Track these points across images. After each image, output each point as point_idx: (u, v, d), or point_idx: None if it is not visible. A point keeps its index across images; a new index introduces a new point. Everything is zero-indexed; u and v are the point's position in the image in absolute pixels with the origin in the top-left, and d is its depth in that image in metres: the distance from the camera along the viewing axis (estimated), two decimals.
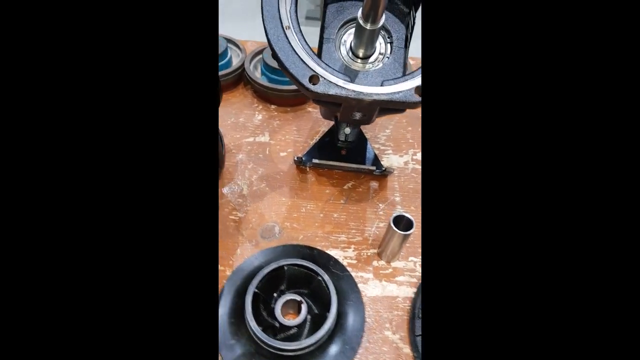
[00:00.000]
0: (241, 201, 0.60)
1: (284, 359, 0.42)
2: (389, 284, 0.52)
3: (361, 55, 0.50)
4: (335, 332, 0.44)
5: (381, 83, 0.45)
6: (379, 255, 0.55)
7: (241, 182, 0.63)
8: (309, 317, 0.46)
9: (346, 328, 0.45)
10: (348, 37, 0.51)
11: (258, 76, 0.75)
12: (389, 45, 0.51)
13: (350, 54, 0.50)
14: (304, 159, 0.63)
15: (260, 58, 0.78)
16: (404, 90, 0.43)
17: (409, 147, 0.70)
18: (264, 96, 0.75)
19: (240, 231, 0.57)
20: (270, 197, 0.61)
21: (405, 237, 0.49)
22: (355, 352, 0.44)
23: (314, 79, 0.43)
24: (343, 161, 0.62)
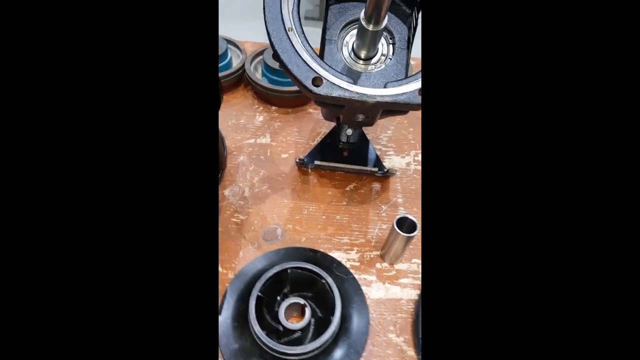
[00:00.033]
0: (243, 203, 0.60)
1: None
2: (392, 286, 0.52)
3: (363, 57, 0.49)
4: (339, 336, 0.44)
5: (384, 85, 0.44)
6: (382, 257, 0.54)
7: (243, 184, 0.63)
8: (312, 321, 0.45)
9: (351, 331, 0.45)
10: (350, 38, 0.50)
11: (259, 77, 0.75)
12: (391, 47, 0.51)
13: (353, 55, 0.50)
14: (305, 160, 0.62)
15: (261, 59, 0.78)
16: (407, 92, 0.43)
17: (411, 148, 0.70)
18: (265, 97, 0.75)
19: (243, 234, 0.56)
20: (272, 199, 0.61)
21: (408, 239, 0.49)
22: (360, 356, 0.44)
23: (317, 80, 0.42)
24: (345, 162, 0.62)
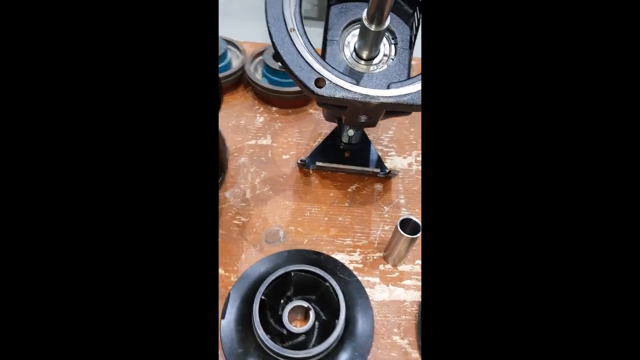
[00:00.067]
0: (244, 205, 0.59)
1: None
2: (396, 288, 0.51)
3: (365, 57, 0.49)
4: (344, 339, 0.44)
5: (387, 85, 0.44)
6: (385, 258, 0.54)
7: (244, 185, 0.62)
8: (316, 324, 0.45)
9: (355, 334, 0.45)
10: (352, 38, 0.50)
11: (259, 78, 0.74)
12: (393, 47, 0.50)
13: (355, 55, 0.49)
14: (307, 161, 0.62)
15: (261, 60, 0.77)
16: (411, 93, 0.42)
17: (412, 149, 0.69)
18: (265, 98, 0.74)
19: (244, 236, 0.56)
20: (273, 201, 0.60)
21: (412, 241, 0.48)
22: (365, 359, 0.44)
23: (320, 82, 0.42)
24: (347, 163, 0.62)
